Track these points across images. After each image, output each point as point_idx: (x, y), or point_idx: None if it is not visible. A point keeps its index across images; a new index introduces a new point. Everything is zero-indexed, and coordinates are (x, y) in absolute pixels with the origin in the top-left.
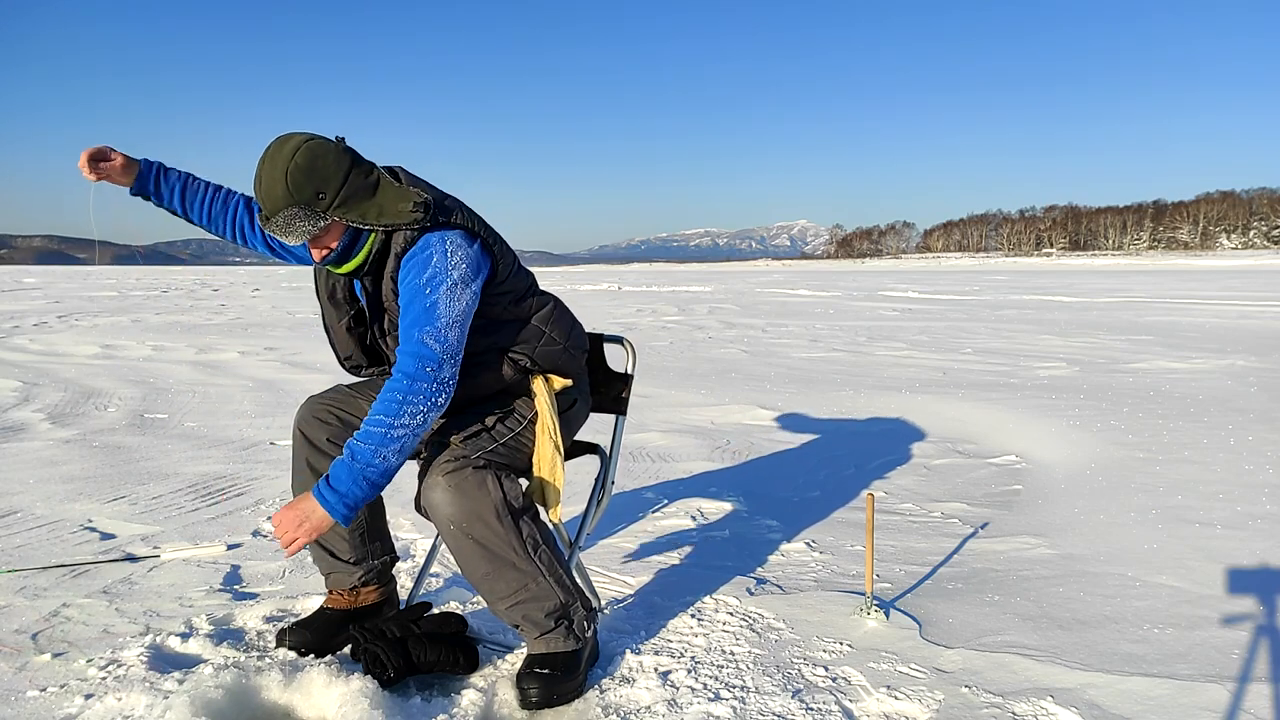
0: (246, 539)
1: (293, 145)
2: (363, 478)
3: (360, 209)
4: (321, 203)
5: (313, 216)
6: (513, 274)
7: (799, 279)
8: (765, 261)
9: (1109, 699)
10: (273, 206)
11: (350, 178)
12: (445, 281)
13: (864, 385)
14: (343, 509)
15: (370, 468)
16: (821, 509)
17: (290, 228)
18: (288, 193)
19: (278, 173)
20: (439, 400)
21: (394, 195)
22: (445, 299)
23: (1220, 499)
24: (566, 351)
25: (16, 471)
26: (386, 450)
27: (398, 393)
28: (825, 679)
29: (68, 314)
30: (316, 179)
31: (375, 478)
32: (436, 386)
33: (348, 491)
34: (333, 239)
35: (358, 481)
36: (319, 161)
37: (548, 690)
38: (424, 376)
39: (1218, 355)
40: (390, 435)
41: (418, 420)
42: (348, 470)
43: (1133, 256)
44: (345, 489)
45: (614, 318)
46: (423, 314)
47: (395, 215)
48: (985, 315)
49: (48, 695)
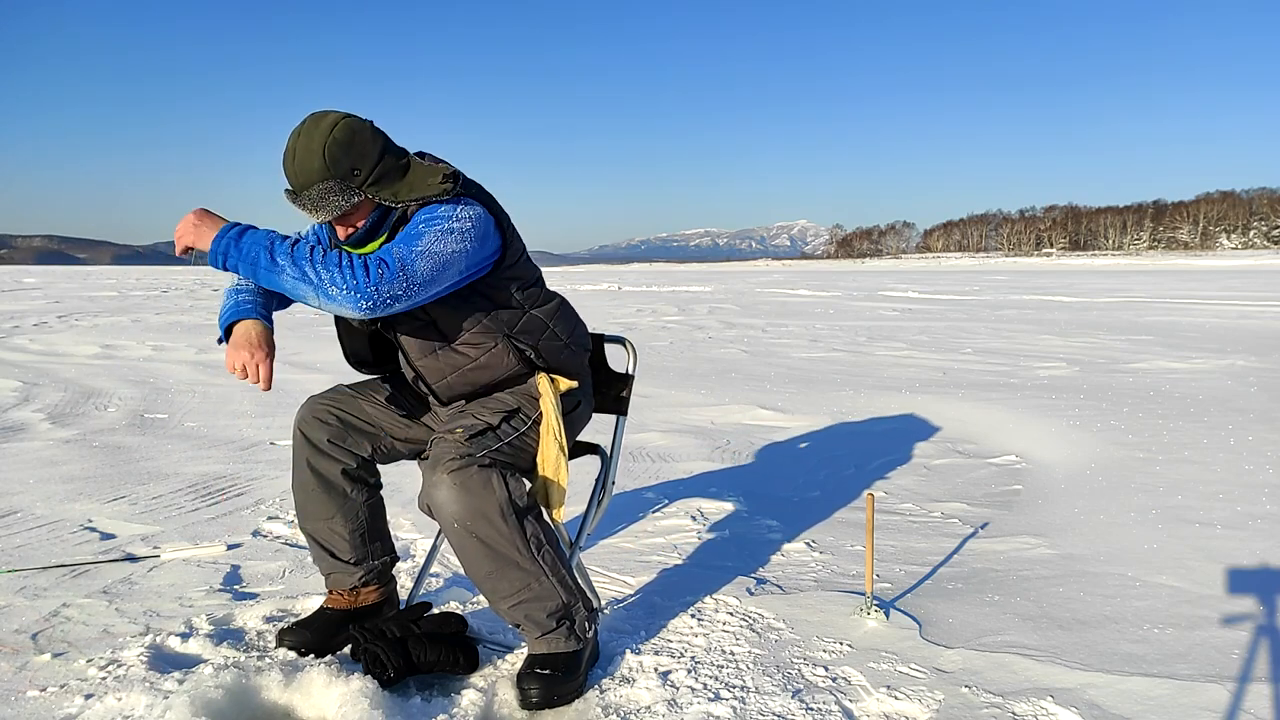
0: (246, 539)
1: (330, 120)
2: (263, 250)
3: (392, 187)
4: (356, 178)
5: (346, 191)
6: (521, 261)
7: (799, 279)
8: (765, 261)
9: (1109, 699)
10: (306, 180)
11: (384, 157)
12: (441, 224)
13: (864, 385)
14: (221, 250)
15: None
16: (821, 509)
17: (323, 202)
18: (324, 166)
19: (315, 146)
20: (360, 301)
21: (423, 173)
22: (432, 234)
23: (1220, 499)
24: (569, 348)
25: (16, 471)
26: (288, 269)
27: (345, 261)
28: (825, 679)
29: (68, 314)
30: (354, 154)
31: (263, 263)
32: (371, 290)
33: (247, 248)
34: (360, 217)
35: (257, 247)
36: (357, 137)
37: (548, 690)
38: (369, 275)
39: (1218, 355)
40: (305, 270)
41: (328, 289)
42: (264, 241)
43: (1133, 256)
44: (247, 245)
45: (614, 318)
46: (404, 236)
47: (425, 189)
48: (985, 315)
49: (48, 695)
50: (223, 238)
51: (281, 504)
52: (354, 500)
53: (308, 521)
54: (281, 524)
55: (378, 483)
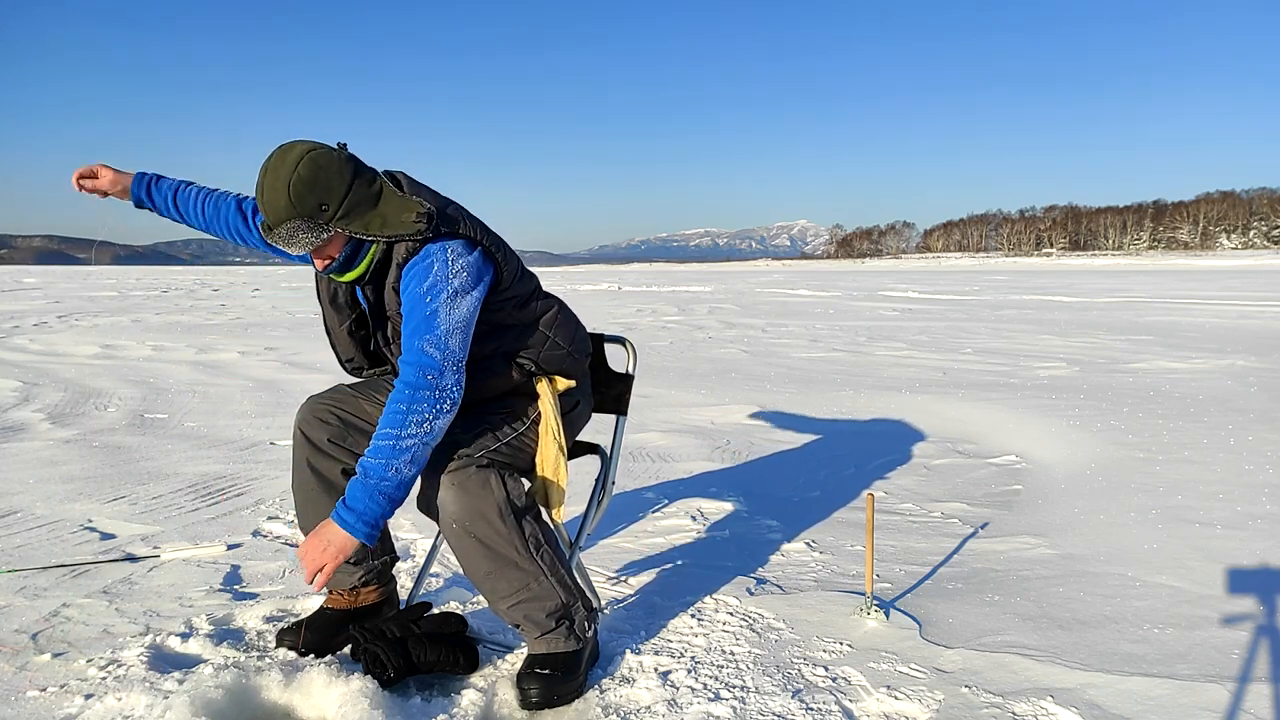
0: (246, 539)
1: (295, 156)
2: (379, 493)
3: (363, 220)
4: (325, 214)
5: (316, 229)
6: (517, 279)
7: (799, 279)
8: (765, 261)
9: (1109, 699)
10: (275, 218)
11: (353, 189)
12: (445, 290)
13: (864, 385)
14: (364, 528)
15: (385, 482)
16: (821, 509)
17: (293, 239)
18: (290, 205)
19: (280, 185)
20: (444, 407)
21: (397, 205)
22: (445, 307)
23: (1220, 499)
24: (570, 355)
25: (16, 471)
26: (398, 463)
27: (402, 403)
28: (825, 679)
29: (68, 314)
30: (320, 191)
31: (391, 491)
32: (440, 394)
33: (365, 510)
34: (335, 249)
35: (374, 498)
36: (322, 173)
37: (548, 690)
38: (425, 385)
39: (1218, 355)
40: (399, 447)
41: (424, 429)
42: (363, 488)
43: (1133, 256)
44: (363, 508)
45: (614, 318)
46: (423, 322)
47: (398, 226)
48: (985, 315)
49: (48, 695)
50: (354, 530)
51: (281, 504)
52: None
53: (308, 521)
54: (281, 524)
55: None
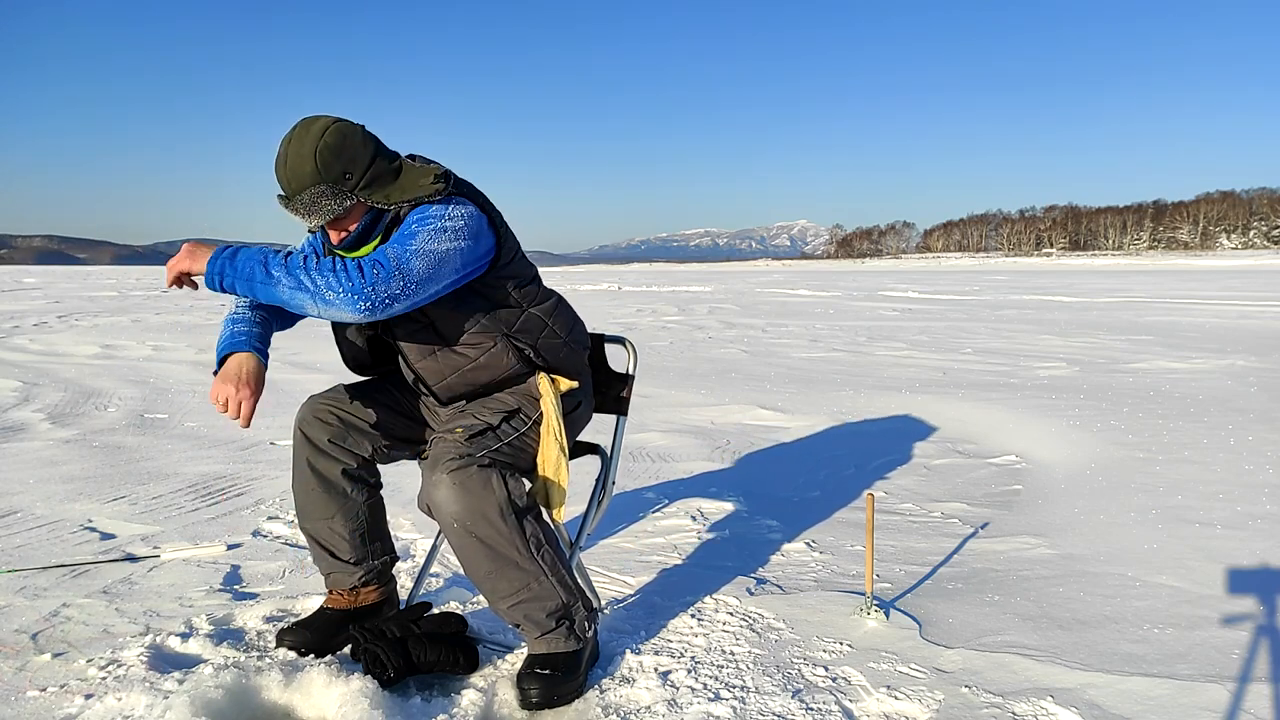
0: (246, 539)
1: (321, 125)
2: (258, 265)
3: (385, 190)
4: (348, 183)
5: (339, 196)
6: (516, 259)
7: (799, 279)
8: (765, 261)
9: (1109, 699)
10: (299, 185)
11: (376, 160)
12: (434, 223)
13: (864, 385)
14: (217, 270)
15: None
16: (821, 509)
17: (315, 206)
18: (316, 171)
19: (306, 151)
20: (358, 302)
21: (415, 174)
22: (425, 234)
23: (1220, 499)
24: (568, 346)
25: (16, 471)
26: (284, 280)
27: (339, 265)
28: (825, 679)
29: (68, 314)
30: (345, 159)
31: (259, 277)
32: (368, 290)
33: (242, 265)
34: (353, 221)
35: (251, 263)
36: (348, 141)
37: (548, 690)
38: (365, 276)
39: (1218, 355)
40: (300, 279)
41: (325, 294)
42: (258, 257)
43: (1133, 256)
44: (241, 262)
45: (614, 318)
46: (398, 237)
47: (416, 190)
48: (985, 315)
49: (48, 695)
50: (217, 259)
51: (281, 504)
52: (354, 500)
53: (308, 521)
54: (281, 524)
55: (378, 483)
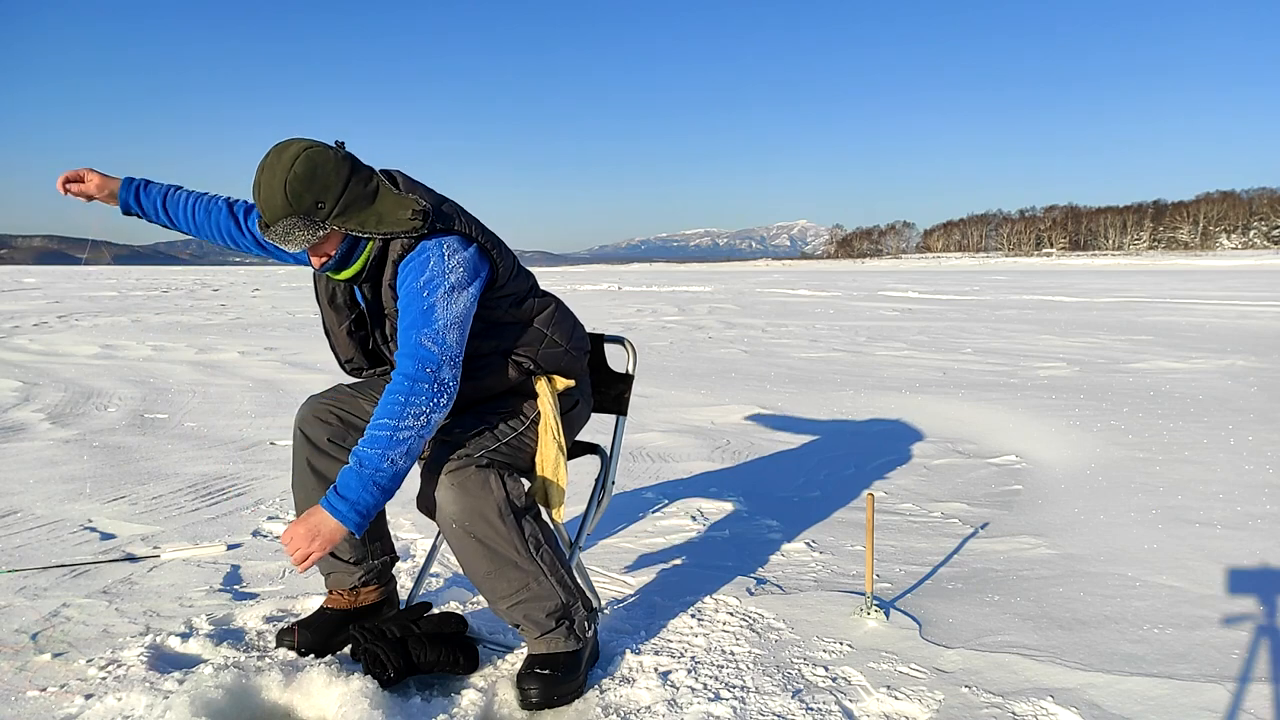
0: (246, 539)
1: (291, 154)
2: (372, 483)
3: (359, 217)
4: (320, 212)
5: (312, 226)
6: (513, 277)
7: (799, 279)
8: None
9: (1109, 699)
10: (272, 215)
11: (350, 186)
12: (442, 285)
13: (864, 385)
14: (355, 517)
15: (379, 473)
16: (821, 509)
17: (290, 236)
18: (287, 202)
19: (276, 182)
20: (440, 401)
21: (393, 203)
22: (442, 302)
23: (1220, 499)
24: (569, 353)
25: (16, 471)
26: (393, 453)
27: (399, 394)
28: (825, 679)
29: (68, 314)
30: (316, 188)
31: (385, 482)
32: (437, 388)
33: (358, 499)
34: (331, 246)
35: (367, 488)
36: (318, 170)
37: (548, 690)
38: (424, 378)
39: (1218, 355)
40: (395, 438)
41: (421, 422)
42: (357, 477)
43: (1133, 256)
44: (356, 496)
45: (614, 318)
46: (420, 316)
47: (394, 223)
48: (985, 315)
49: (48, 695)
50: (345, 519)
51: (281, 504)
52: None
53: None
54: (281, 524)
55: None
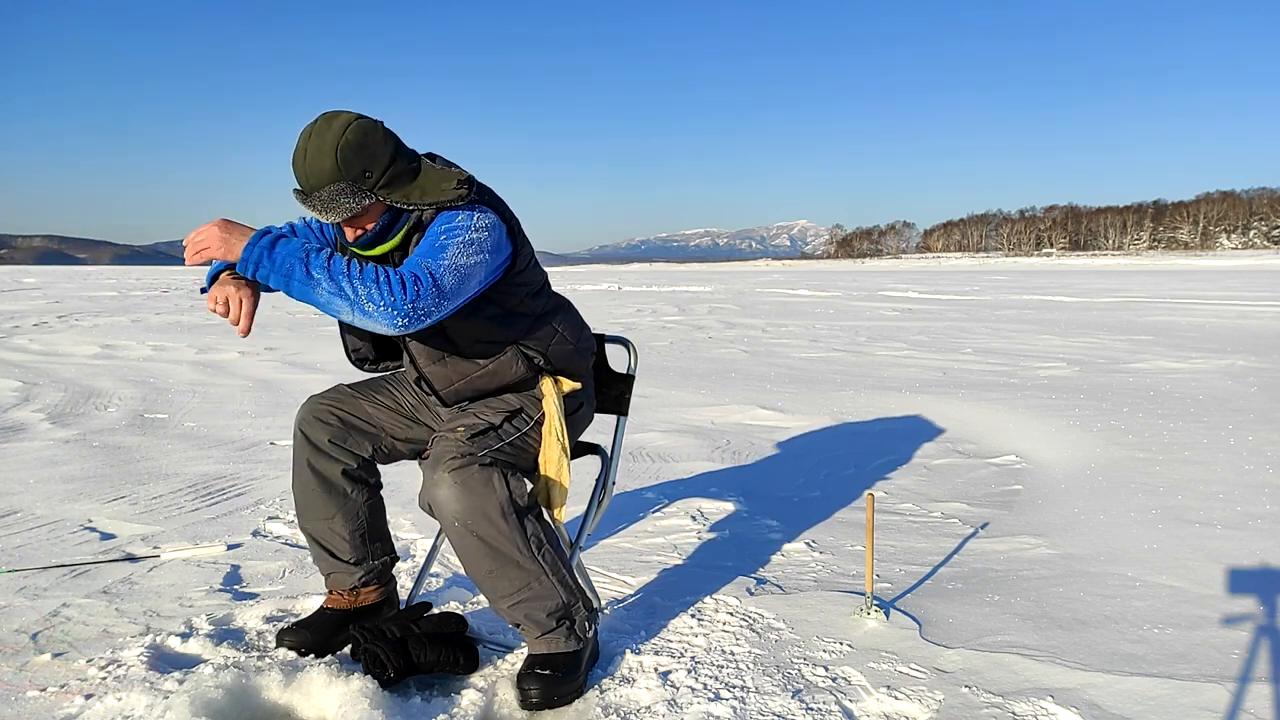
0: (246, 539)
1: (343, 121)
2: (300, 263)
3: (404, 190)
4: (368, 181)
5: (358, 194)
6: (530, 267)
7: (799, 279)
8: (765, 261)
9: (1109, 699)
10: (318, 181)
11: (396, 160)
12: (463, 235)
13: (864, 385)
14: (254, 259)
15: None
16: (821, 509)
17: (334, 204)
18: (336, 168)
19: (326, 147)
20: (397, 318)
21: (437, 176)
22: (456, 247)
23: (1220, 499)
24: (577, 352)
25: (16, 471)
26: (324, 283)
27: (382, 277)
28: (825, 679)
29: (68, 314)
30: (366, 156)
31: (298, 276)
32: (408, 306)
33: (282, 259)
34: (371, 220)
35: (292, 259)
36: (369, 139)
37: (548, 691)
38: (406, 291)
39: (1218, 355)
40: (341, 285)
41: (364, 305)
42: (299, 250)
43: (1133, 256)
44: (282, 252)
45: (614, 318)
46: (430, 249)
47: (438, 193)
48: (985, 315)
49: (48, 695)
50: (254, 246)
51: (281, 504)
52: (354, 500)
53: (308, 521)
54: (281, 524)
55: (378, 483)
